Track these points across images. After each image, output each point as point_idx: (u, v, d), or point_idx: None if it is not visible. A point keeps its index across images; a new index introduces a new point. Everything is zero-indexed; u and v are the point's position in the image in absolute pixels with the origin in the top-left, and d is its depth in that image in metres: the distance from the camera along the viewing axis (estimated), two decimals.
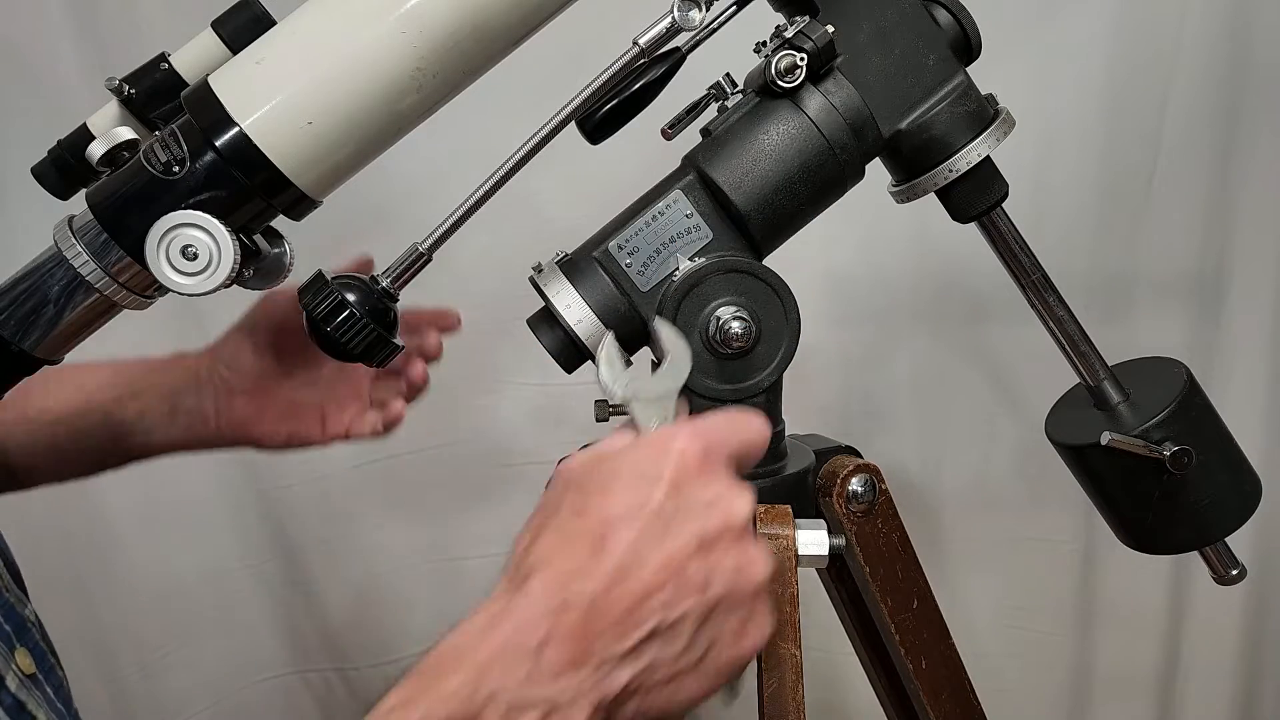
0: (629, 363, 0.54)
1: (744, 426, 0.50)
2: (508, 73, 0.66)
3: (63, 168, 0.66)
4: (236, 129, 0.61)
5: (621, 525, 0.45)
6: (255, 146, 0.61)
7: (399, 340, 0.67)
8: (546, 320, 0.69)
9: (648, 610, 0.44)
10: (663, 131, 0.72)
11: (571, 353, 0.69)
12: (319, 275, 0.65)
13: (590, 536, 0.45)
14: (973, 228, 0.72)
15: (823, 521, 0.68)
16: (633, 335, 0.68)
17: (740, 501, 0.47)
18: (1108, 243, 1.22)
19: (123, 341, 0.79)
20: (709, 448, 0.48)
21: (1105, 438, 0.70)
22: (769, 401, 0.71)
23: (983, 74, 0.69)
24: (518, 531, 0.49)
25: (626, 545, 0.45)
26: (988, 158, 0.68)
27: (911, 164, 0.69)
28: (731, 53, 0.70)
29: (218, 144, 0.61)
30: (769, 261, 0.69)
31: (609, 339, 0.55)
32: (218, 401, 0.85)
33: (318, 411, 0.87)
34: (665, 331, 0.57)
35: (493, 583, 0.47)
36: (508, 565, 0.48)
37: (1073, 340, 0.74)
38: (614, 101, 0.66)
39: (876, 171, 0.71)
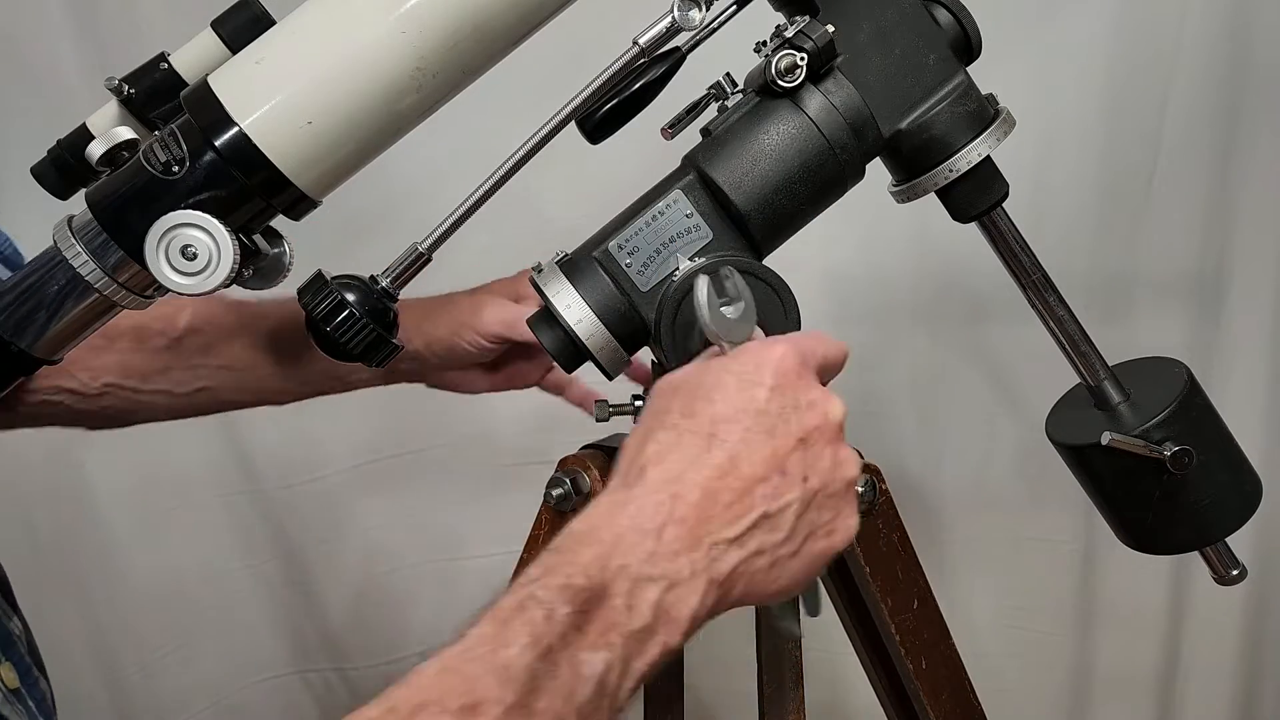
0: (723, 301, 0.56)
1: (830, 341, 0.56)
2: (508, 73, 0.66)
3: (62, 167, 0.66)
4: (236, 129, 0.61)
5: (730, 422, 0.50)
6: (255, 146, 0.61)
7: (398, 340, 0.67)
8: (546, 320, 0.69)
9: (755, 499, 0.49)
10: (663, 131, 0.71)
11: (571, 352, 0.69)
12: (319, 275, 0.65)
13: (701, 434, 0.50)
14: (973, 227, 0.72)
15: None
16: (632, 335, 0.68)
17: (835, 404, 0.52)
18: (1108, 243, 1.22)
19: None
20: (804, 356, 0.53)
21: (1106, 438, 0.70)
22: None
23: (983, 74, 0.69)
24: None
25: (736, 439, 0.49)
26: (988, 157, 0.68)
27: (912, 164, 0.69)
28: (731, 53, 0.70)
29: (217, 144, 0.61)
30: (769, 261, 0.69)
31: (703, 281, 0.55)
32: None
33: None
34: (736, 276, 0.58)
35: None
36: (619, 466, 0.52)
37: (1073, 340, 0.74)
38: (614, 101, 0.66)
39: (876, 171, 0.71)
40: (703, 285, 0.54)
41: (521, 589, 0.46)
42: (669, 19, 0.63)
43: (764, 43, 0.68)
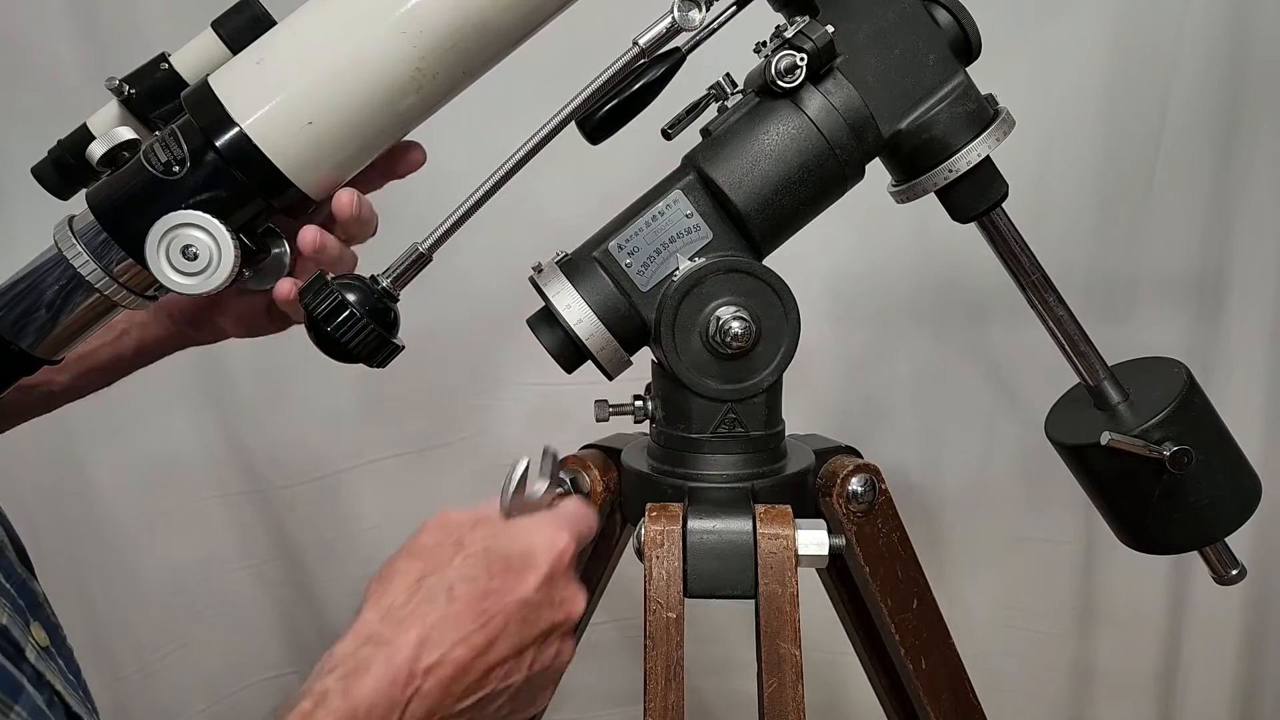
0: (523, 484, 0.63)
1: (593, 519, 0.62)
2: (508, 73, 0.66)
3: (63, 168, 0.67)
4: (236, 129, 0.61)
5: (501, 604, 0.55)
6: (255, 146, 0.61)
7: (400, 340, 0.67)
8: (546, 320, 0.69)
9: (492, 678, 0.55)
10: (663, 131, 0.72)
11: (571, 352, 0.69)
12: (319, 275, 0.65)
13: (474, 610, 0.54)
14: (973, 228, 0.72)
15: (823, 521, 0.68)
16: (632, 335, 0.69)
17: (579, 603, 0.59)
18: (1108, 243, 1.22)
19: None
20: (578, 548, 0.59)
21: (1105, 438, 0.70)
22: (769, 401, 0.71)
23: (983, 74, 0.69)
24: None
25: (499, 624, 0.54)
26: (987, 158, 0.68)
27: (911, 164, 0.69)
28: (731, 53, 0.70)
29: (218, 144, 0.61)
30: (769, 261, 0.69)
31: (522, 464, 0.63)
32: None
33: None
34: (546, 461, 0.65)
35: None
36: (377, 590, 0.57)
37: (1072, 340, 0.74)
38: (614, 101, 0.66)
39: (876, 171, 0.71)
40: (520, 468, 0.62)
41: None
42: (669, 19, 0.63)
43: (764, 43, 0.68)
